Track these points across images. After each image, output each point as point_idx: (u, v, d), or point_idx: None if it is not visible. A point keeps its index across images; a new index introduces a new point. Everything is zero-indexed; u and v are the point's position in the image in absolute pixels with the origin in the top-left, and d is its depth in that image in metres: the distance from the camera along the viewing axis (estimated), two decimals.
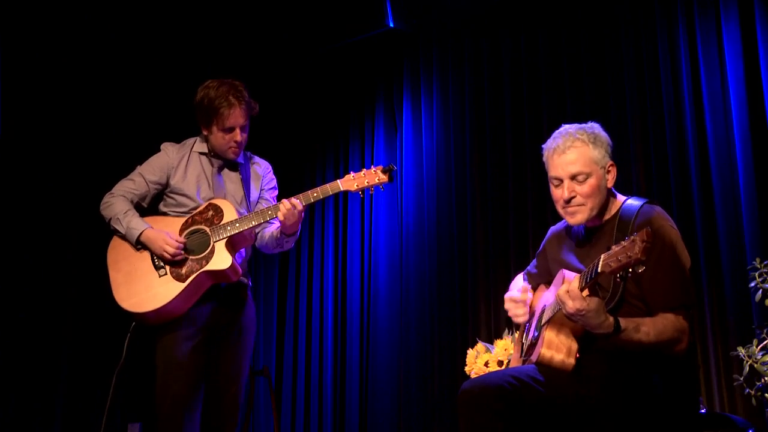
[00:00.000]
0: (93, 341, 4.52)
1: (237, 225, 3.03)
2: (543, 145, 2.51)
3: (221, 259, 2.99)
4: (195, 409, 3.02)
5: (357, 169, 2.98)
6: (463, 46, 4.74)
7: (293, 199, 3.03)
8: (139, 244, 3.08)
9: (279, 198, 3.37)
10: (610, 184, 2.42)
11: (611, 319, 2.15)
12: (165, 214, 3.20)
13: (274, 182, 3.38)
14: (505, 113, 4.51)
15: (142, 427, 4.27)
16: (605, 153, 2.41)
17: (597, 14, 4.25)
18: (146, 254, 3.07)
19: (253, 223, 3.04)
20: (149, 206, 3.25)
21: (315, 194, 3.05)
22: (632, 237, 1.98)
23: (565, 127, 2.47)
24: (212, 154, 3.22)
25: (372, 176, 3.08)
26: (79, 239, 4.56)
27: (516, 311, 2.55)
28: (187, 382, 3.00)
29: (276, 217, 3.04)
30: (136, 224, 3.08)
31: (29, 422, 4.25)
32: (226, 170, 3.25)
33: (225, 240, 3.02)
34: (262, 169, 3.34)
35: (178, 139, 3.33)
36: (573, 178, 2.38)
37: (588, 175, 2.37)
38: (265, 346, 5.12)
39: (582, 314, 2.12)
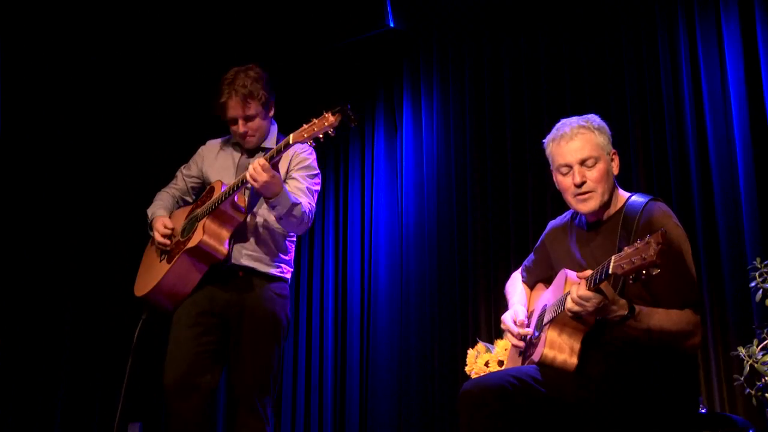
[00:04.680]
0: (93, 344, 4.52)
1: (214, 201, 3.01)
2: (544, 140, 2.51)
3: (194, 237, 3.00)
4: (193, 395, 2.96)
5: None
6: (463, 46, 4.74)
7: (258, 158, 2.93)
8: (152, 231, 3.20)
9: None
10: (615, 171, 2.44)
11: (623, 300, 2.16)
12: None
13: (307, 162, 3.21)
14: (505, 113, 4.51)
15: (142, 427, 4.27)
16: (608, 140, 2.44)
17: (597, 14, 4.25)
18: None
19: (225, 196, 2.97)
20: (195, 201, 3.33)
21: (271, 152, 2.93)
22: (647, 239, 1.97)
23: (565, 120, 2.48)
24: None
25: (321, 122, 2.83)
26: (80, 241, 4.56)
27: (513, 341, 2.56)
28: (184, 361, 2.97)
29: (243, 184, 2.93)
30: (152, 212, 3.23)
31: (29, 423, 4.25)
32: (254, 156, 3.20)
33: (205, 219, 3.00)
34: (293, 152, 3.20)
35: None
36: (582, 163, 2.38)
37: (597, 160, 2.38)
38: None
39: (600, 308, 2.13)
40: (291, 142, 2.89)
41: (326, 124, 2.82)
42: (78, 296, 4.51)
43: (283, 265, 3.20)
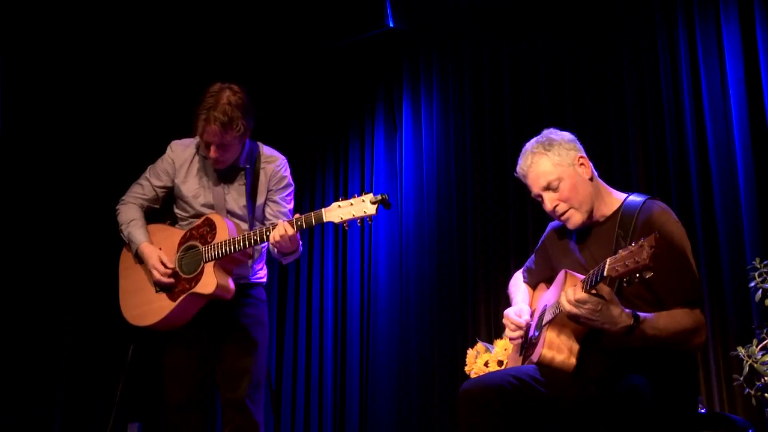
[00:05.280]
0: (93, 344, 4.53)
1: (225, 248, 2.93)
2: (515, 172, 2.56)
3: (207, 283, 2.94)
4: (198, 410, 3.06)
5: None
6: (463, 46, 4.74)
7: (285, 223, 2.87)
8: (137, 258, 3.10)
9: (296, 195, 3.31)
10: (588, 176, 2.44)
11: (627, 311, 2.14)
12: (176, 216, 3.20)
13: (285, 180, 3.22)
14: (505, 113, 4.51)
15: (141, 427, 4.27)
16: (567, 151, 2.43)
17: (597, 14, 4.25)
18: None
19: (240, 246, 2.92)
20: (162, 207, 3.25)
21: (299, 222, 2.87)
22: (640, 242, 1.97)
23: (524, 148, 2.52)
24: None
25: (359, 207, 2.81)
26: (79, 241, 4.56)
27: (512, 334, 2.55)
28: (185, 386, 3.04)
29: (262, 242, 2.93)
30: (136, 236, 3.10)
31: (29, 423, 4.26)
32: (229, 175, 3.15)
33: (213, 262, 2.95)
34: (270, 169, 3.19)
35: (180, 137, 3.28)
36: (547, 189, 2.43)
37: (559, 180, 2.41)
38: None
39: (599, 311, 2.11)
40: (325, 220, 2.85)
41: (366, 213, 2.81)
42: (78, 296, 4.51)
43: (260, 272, 3.25)
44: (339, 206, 2.84)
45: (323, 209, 2.87)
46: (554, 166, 2.41)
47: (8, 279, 4.23)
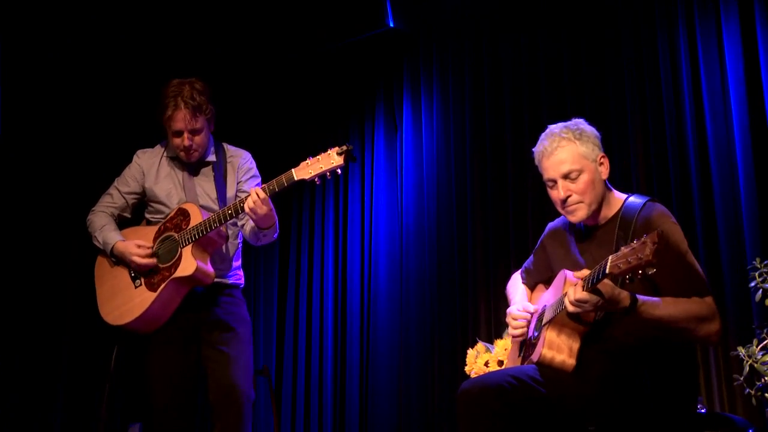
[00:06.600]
0: (93, 344, 4.52)
1: (200, 228, 2.96)
2: (533, 149, 2.52)
3: (186, 266, 2.96)
4: (186, 410, 3.06)
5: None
6: (463, 46, 4.74)
7: (257, 188, 2.90)
8: (114, 257, 3.11)
9: None
10: (604, 176, 2.44)
11: (625, 292, 2.14)
12: (149, 222, 3.22)
13: (252, 171, 3.27)
14: (505, 113, 4.51)
15: (142, 427, 4.27)
16: (593, 146, 2.42)
17: (597, 14, 4.25)
18: (126, 267, 3.10)
19: (215, 225, 2.95)
20: (133, 216, 3.27)
21: (271, 187, 2.89)
22: (643, 239, 1.97)
23: (550, 128, 2.49)
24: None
25: (327, 160, 2.85)
26: (79, 241, 4.55)
27: (514, 332, 2.55)
28: (170, 388, 3.03)
29: (237, 216, 2.97)
30: (110, 238, 3.12)
31: (29, 423, 4.25)
32: (198, 171, 3.20)
33: (190, 245, 2.98)
34: (237, 162, 3.25)
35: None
36: (566, 177, 2.39)
37: (580, 172, 2.39)
38: (265, 346, 5.12)
39: (600, 306, 2.13)
40: (296, 178, 2.87)
41: (334, 164, 2.84)
42: (78, 296, 4.51)
43: (239, 272, 3.27)
44: (307, 164, 2.88)
45: (292, 169, 2.90)
46: (580, 157, 2.39)
47: (8, 279, 4.23)
